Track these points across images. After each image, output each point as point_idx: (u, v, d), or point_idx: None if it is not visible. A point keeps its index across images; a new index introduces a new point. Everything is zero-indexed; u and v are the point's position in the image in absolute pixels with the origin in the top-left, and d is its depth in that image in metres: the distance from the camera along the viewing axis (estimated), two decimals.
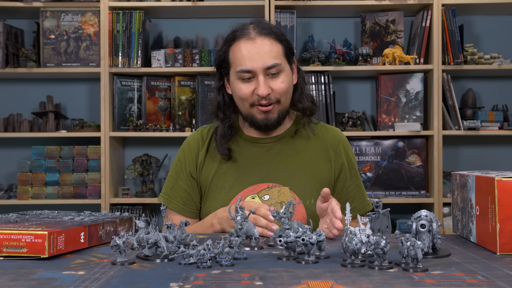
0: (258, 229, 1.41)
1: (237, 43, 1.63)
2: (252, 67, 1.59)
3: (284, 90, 1.63)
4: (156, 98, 3.30)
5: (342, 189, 1.72)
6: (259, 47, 1.60)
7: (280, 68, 1.62)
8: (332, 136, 1.75)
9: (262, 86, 1.59)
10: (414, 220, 1.13)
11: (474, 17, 3.43)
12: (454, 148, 3.43)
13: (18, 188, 3.20)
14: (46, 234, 1.10)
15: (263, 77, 1.60)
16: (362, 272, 0.98)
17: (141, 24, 3.19)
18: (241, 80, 1.62)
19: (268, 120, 1.65)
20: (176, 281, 0.93)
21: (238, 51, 1.62)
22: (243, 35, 1.62)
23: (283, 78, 1.62)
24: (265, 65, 1.59)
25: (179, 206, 1.73)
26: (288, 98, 1.67)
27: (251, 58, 1.59)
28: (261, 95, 1.59)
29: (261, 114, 1.64)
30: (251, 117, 1.66)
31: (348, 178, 1.73)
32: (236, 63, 1.62)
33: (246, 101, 1.64)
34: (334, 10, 3.30)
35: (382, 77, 3.26)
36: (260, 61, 1.59)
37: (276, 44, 1.63)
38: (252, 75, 1.61)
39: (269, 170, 1.69)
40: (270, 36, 1.62)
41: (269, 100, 1.62)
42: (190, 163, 1.75)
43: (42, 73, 3.26)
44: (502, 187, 1.14)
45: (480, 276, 0.96)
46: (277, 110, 1.65)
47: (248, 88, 1.61)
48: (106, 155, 3.14)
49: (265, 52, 1.60)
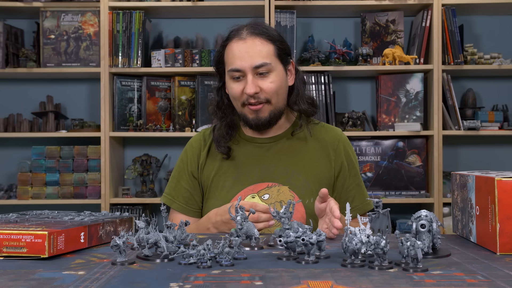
0: (259, 225, 1.42)
1: (230, 43, 1.66)
2: (241, 66, 1.62)
3: (273, 90, 1.64)
4: (156, 98, 3.30)
5: (342, 188, 1.73)
6: (249, 47, 1.62)
7: (270, 68, 1.63)
8: (332, 136, 1.76)
9: (249, 85, 1.61)
10: (414, 220, 1.13)
11: (474, 17, 3.43)
12: (454, 148, 3.43)
13: (18, 188, 3.20)
14: (46, 234, 1.10)
15: (252, 76, 1.62)
16: (362, 272, 0.98)
17: (141, 24, 3.19)
18: (233, 79, 1.65)
19: (259, 119, 1.66)
20: (176, 281, 0.93)
21: (230, 51, 1.65)
22: (235, 35, 1.66)
23: (272, 78, 1.63)
24: (253, 64, 1.61)
25: (182, 205, 1.75)
26: (280, 98, 1.67)
27: (241, 57, 1.62)
28: (248, 93, 1.61)
29: (252, 114, 1.66)
30: (243, 116, 1.69)
31: (348, 178, 1.73)
32: (228, 62, 1.66)
33: (238, 101, 1.66)
34: (334, 10, 3.30)
35: (382, 77, 3.26)
36: (249, 60, 1.61)
37: (267, 44, 1.64)
38: (241, 74, 1.63)
39: (269, 169, 1.70)
40: (261, 36, 1.64)
41: (258, 99, 1.63)
42: (192, 163, 1.77)
43: (42, 73, 3.26)
44: (502, 187, 1.14)
45: (480, 276, 0.96)
46: (267, 110, 1.66)
47: (238, 87, 1.64)
48: (106, 155, 3.14)
49: (255, 52, 1.62)
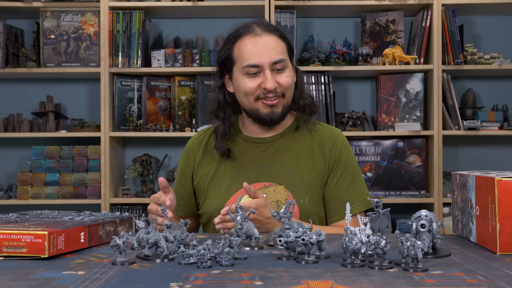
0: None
1: (243, 40, 1.66)
2: (260, 61, 1.63)
3: (289, 85, 1.68)
4: (156, 98, 3.30)
5: (329, 188, 1.70)
6: (266, 43, 1.64)
7: (285, 64, 1.66)
8: (329, 136, 1.76)
9: (269, 80, 1.63)
10: (414, 220, 1.13)
11: (474, 17, 3.43)
12: (454, 148, 3.43)
13: (18, 188, 3.20)
14: (46, 234, 1.10)
15: (270, 72, 1.64)
16: (362, 272, 0.98)
17: (141, 24, 3.19)
18: (247, 75, 1.65)
19: (274, 114, 1.68)
20: (176, 281, 0.93)
21: (244, 47, 1.65)
22: (248, 31, 1.67)
23: (288, 73, 1.67)
24: (272, 60, 1.63)
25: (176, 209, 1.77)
26: (291, 93, 1.71)
27: (258, 53, 1.63)
28: (269, 88, 1.63)
29: (266, 109, 1.67)
30: (255, 112, 1.68)
31: (338, 179, 1.70)
32: (243, 58, 1.65)
33: (251, 96, 1.66)
34: (334, 10, 3.30)
35: (382, 77, 3.26)
36: (267, 56, 1.63)
37: (280, 41, 1.68)
38: (258, 70, 1.64)
39: (266, 169, 1.71)
40: (275, 33, 1.68)
41: (275, 93, 1.66)
42: (187, 164, 1.80)
43: (42, 73, 3.26)
44: (502, 187, 1.14)
45: (480, 276, 0.96)
46: (281, 104, 1.68)
47: (253, 82, 1.65)
48: (106, 155, 3.14)
49: (272, 48, 1.64)
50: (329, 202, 1.70)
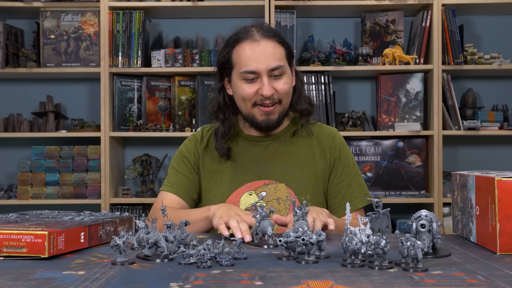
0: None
1: (241, 45, 1.66)
2: (257, 68, 1.63)
3: (286, 91, 1.67)
4: (156, 98, 3.30)
5: (332, 184, 1.74)
6: (264, 49, 1.64)
7: (283, 70, 1.66)
8: (327, 135, 1.78)
9: (266, 87, 1.63)
10: (414, 220, 1.13)
11: (474, 17, 3.43)
12: (454, 148, 3.43)
13: (18, 188, 3.20)
14: (46, 234, 1.10)
15: (267, 78, 1.63)
16: (362, 272, 0.98)
17: (141, 24, 3.19)
18: (245, 80, 1.65)
19: (269, 121, 1.69)
20: (176, 281, 0.93)
21: (243, 52, 1.65)
22: (247, 37, 1.66)
23: (285, 80, 1.67)
24: (270, 67, 1.63)
25: (173, 187, 1.74)
26: (288, 99, 1.71)
27: (256, 59, 1.63)
28: (265, 95, 1.63)
29: (262, 116, 1.68)
30: (251, 117, 1.69)
31: (340, 174, 1.74)
32: (241, 64, 1.65)
33: (248, 101, 1.67)
34: (334, 10, 3.30)
35: (382, 77, 3.26)
36: (265, 62, 1.63)
37: (279, 46, 1.67)
38: (256, 76, 1.64)
39: (266, 167, 1.72)
40: (274, 39, 1.67)
41: (272, 100, 1.66)
42: (191, 154, 1.78)
43: (42, 73, 3.26)
44: (502, 187, 1.14)
45: (480, 276, 0.96)
46: (278, 111, 1.69)
47: (251, 88, 1.65)
48: (106, 155, 3.14)
49: (269, 54, 1.64)
50: (332, 198, 1.74)
